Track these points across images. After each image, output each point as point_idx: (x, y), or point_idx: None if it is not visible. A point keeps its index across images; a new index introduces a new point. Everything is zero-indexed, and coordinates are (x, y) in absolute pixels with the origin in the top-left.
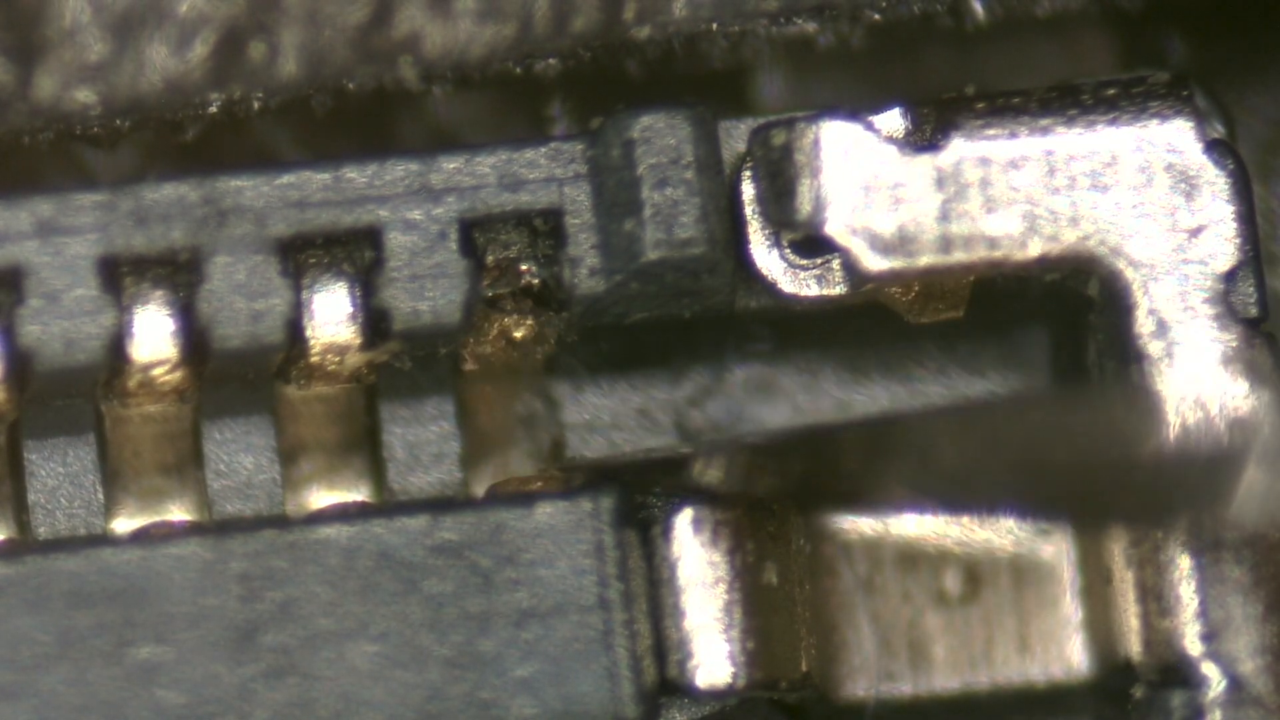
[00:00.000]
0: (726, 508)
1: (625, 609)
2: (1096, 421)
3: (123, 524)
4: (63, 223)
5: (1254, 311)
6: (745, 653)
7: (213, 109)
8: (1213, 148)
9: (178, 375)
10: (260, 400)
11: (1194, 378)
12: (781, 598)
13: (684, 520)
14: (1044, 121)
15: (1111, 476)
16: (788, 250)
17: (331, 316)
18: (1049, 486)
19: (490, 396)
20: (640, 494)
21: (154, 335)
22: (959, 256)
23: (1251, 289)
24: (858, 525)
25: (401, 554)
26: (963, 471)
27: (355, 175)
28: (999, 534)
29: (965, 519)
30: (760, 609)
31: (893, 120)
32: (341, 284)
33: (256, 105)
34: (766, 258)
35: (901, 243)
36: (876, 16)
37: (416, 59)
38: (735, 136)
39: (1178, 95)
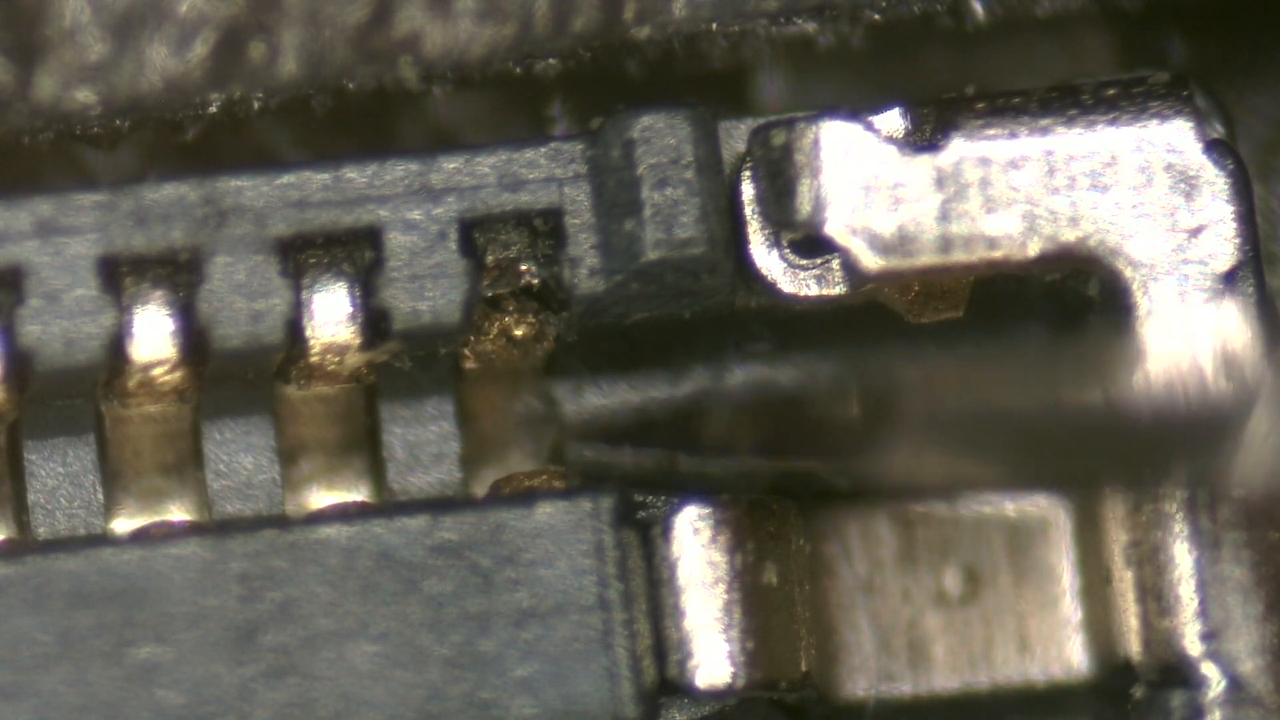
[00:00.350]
0: (726, 507)
1: (625, 609)
2: (1093, 371)
3: (123, 524)
4: (63, 223)
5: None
6: (745, 653)
7: (213, 109)
8: (1212, 148)
9: (177, 375)
10: (260, 400)
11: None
12: (781, 598)
13: (684, 520)
14: (1044, 122)
15: (1110, 427)
16: (787, 250)
17: (331, 316)
18: (1046, 440)
19: (490, 396)
20: (640, 494)
21: (154, 335)
22: (959, 256)
23: (1251, 289)
24: (858, 526)
25: (401, 554)
26: (962, 426)
27: (355, 175)
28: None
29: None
30: (760, 609)
31: (893, 120)
32: (341, 284)
33: (256, 105)
34: (766, 258)
35: (901, 243)
36: (876, 16)
37: (416, 59)
38: (735, 136)
39: (1177, 95)
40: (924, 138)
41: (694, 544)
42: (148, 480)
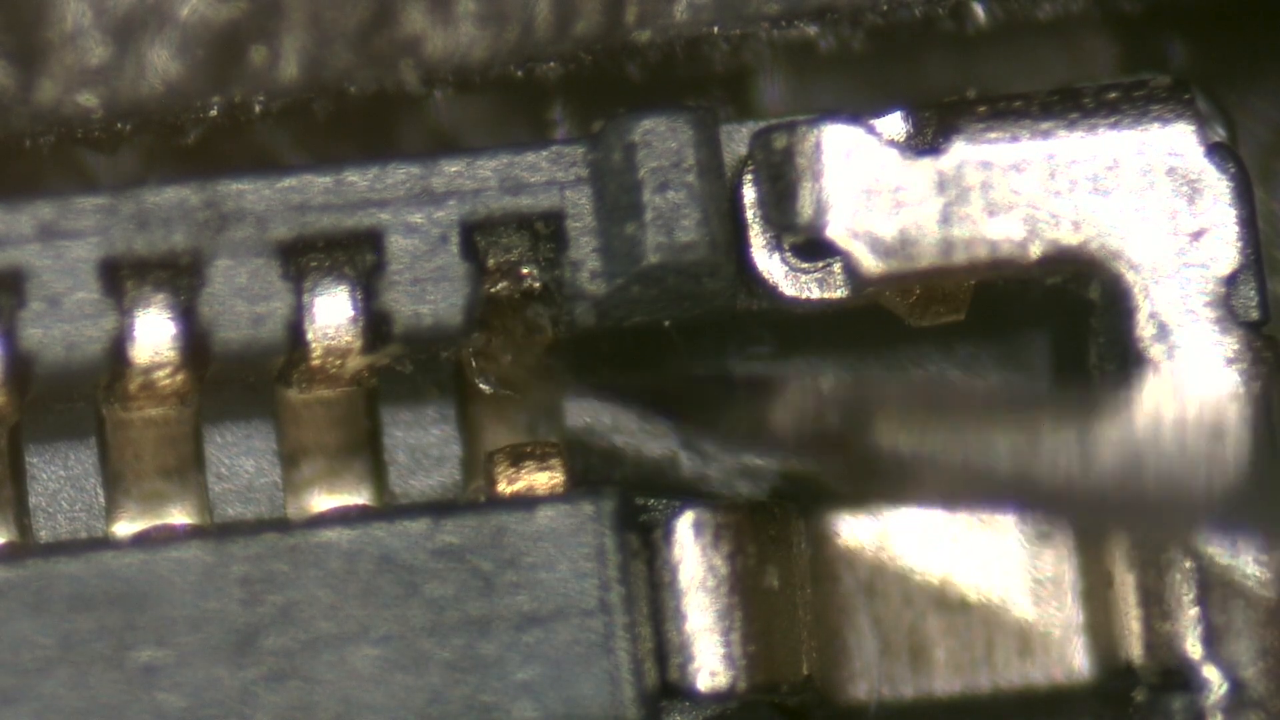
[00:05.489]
0: (728, 511)
1: (626, 612)
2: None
3: (124, 527)
4: (64, 226)
5: (1255, 315)
6: (746, 656)
7: (214, 112)
8: (1214, 151)
9: (179, 378)
10: (261, 403)
11: (1192, 379)
12: (783, 601)
13: (685, 523)
14: (1045, 125)
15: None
16: (789, 253)
17: (332, 320)
18: (1047, 486)
19: (492, 400)
20: (641, 497)
21: (155, 338)
22: (960, 260)
23: (1253, 292)
24: (859, 530)
25: (402, 557)
26: (962, 467)
27: (356, 178)
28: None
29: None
30: (761, 612)
31: (894, 124)
32: (343, 287)
33: (258, 108)
34: (768, 261)
35: (903, 246)
36: (878, 20)
37: (418, 62)
38: (736, 140)
39: (1179, 99)
40: (925, 141)
41: (695, 547)
42: (149, 483)
